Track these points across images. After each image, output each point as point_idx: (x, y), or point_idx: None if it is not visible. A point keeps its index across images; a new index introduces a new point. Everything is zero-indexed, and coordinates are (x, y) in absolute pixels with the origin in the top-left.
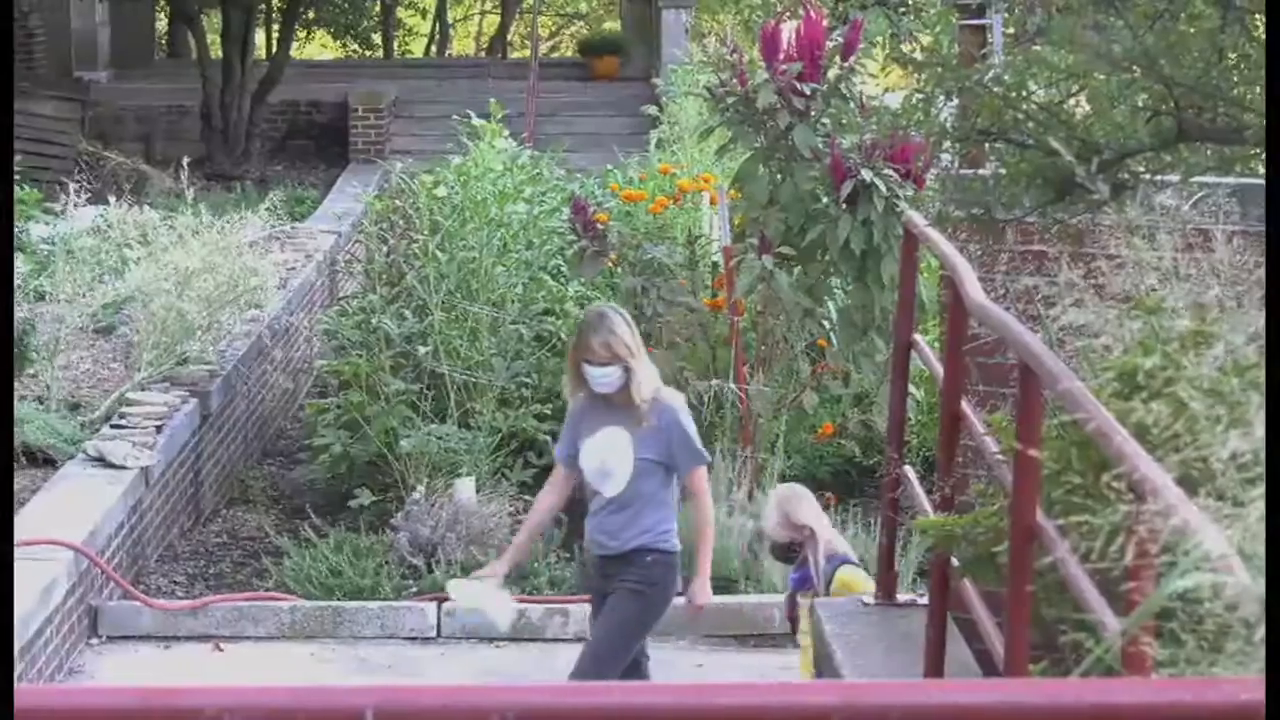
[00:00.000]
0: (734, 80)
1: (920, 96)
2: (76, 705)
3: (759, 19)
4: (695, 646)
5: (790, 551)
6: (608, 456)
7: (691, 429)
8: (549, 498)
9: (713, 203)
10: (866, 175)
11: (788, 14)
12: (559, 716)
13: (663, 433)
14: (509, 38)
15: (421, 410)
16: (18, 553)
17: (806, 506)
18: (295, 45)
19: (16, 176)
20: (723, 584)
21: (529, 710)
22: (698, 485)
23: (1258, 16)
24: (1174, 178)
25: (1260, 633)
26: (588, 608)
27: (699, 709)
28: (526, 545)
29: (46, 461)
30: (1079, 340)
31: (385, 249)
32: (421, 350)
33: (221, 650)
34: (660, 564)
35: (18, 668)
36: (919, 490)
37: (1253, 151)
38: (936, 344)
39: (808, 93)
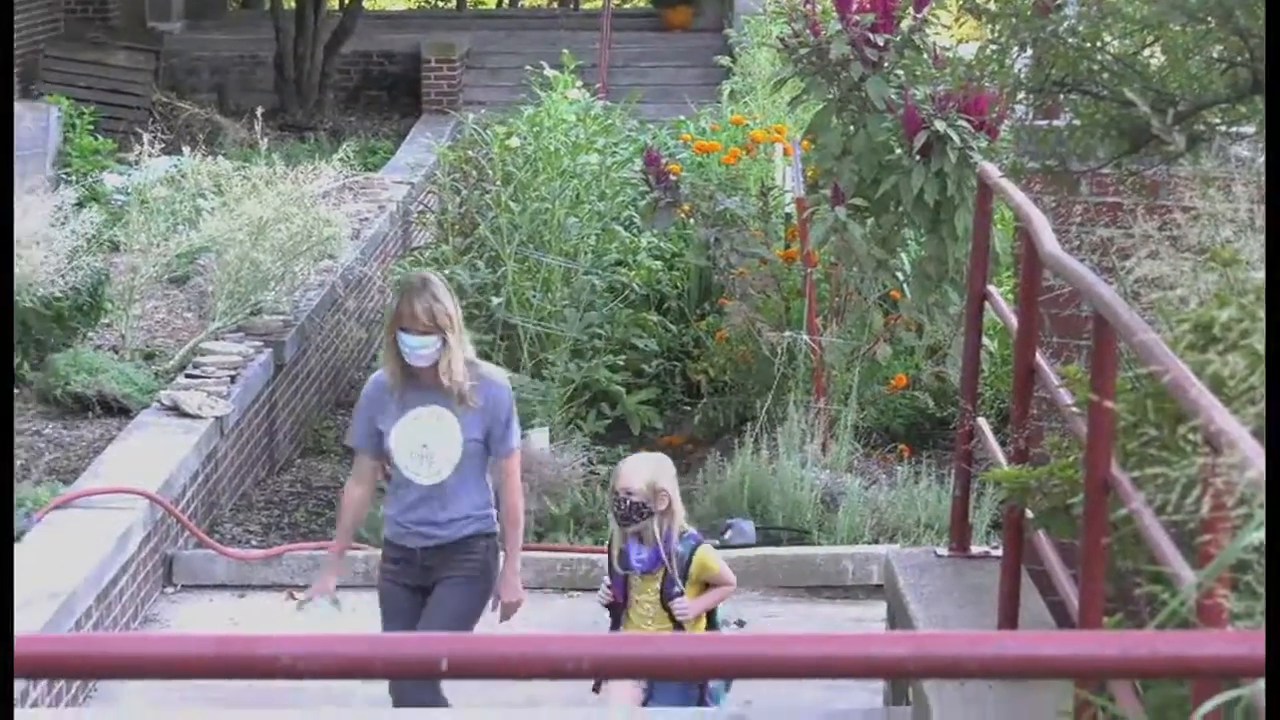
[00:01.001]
0: (807, 31)
1: (994, 47)
2: (153, 653)
3: None
4: (769, 598)
5: (635, 515)
6: (430, 439)
7: (513, 410)
8: (358, 490)
9: (786, 154)
10: (940, 126)
11: None
12: (632, 666)
13: (487, 412)
14: None
15: (494, 360)
16: (95, 501)
17: (671, 479)
18: None
19: (90, 126)
20: (796, 535)
21: (602, 659)
22: (510, 472)
23: None
24: (1249, 129)
25: None
26: None
27: (773, 659)
28: (345, 548)
29: (121, 411)
30: (1154, 292)
31: (458, 200)
32: (494, 301)
33: (295, 599)
34: (491, 548)
35: (94, 615)
36: (993, 442)
37: None
38: (1010, 296)
39: (881, 44)
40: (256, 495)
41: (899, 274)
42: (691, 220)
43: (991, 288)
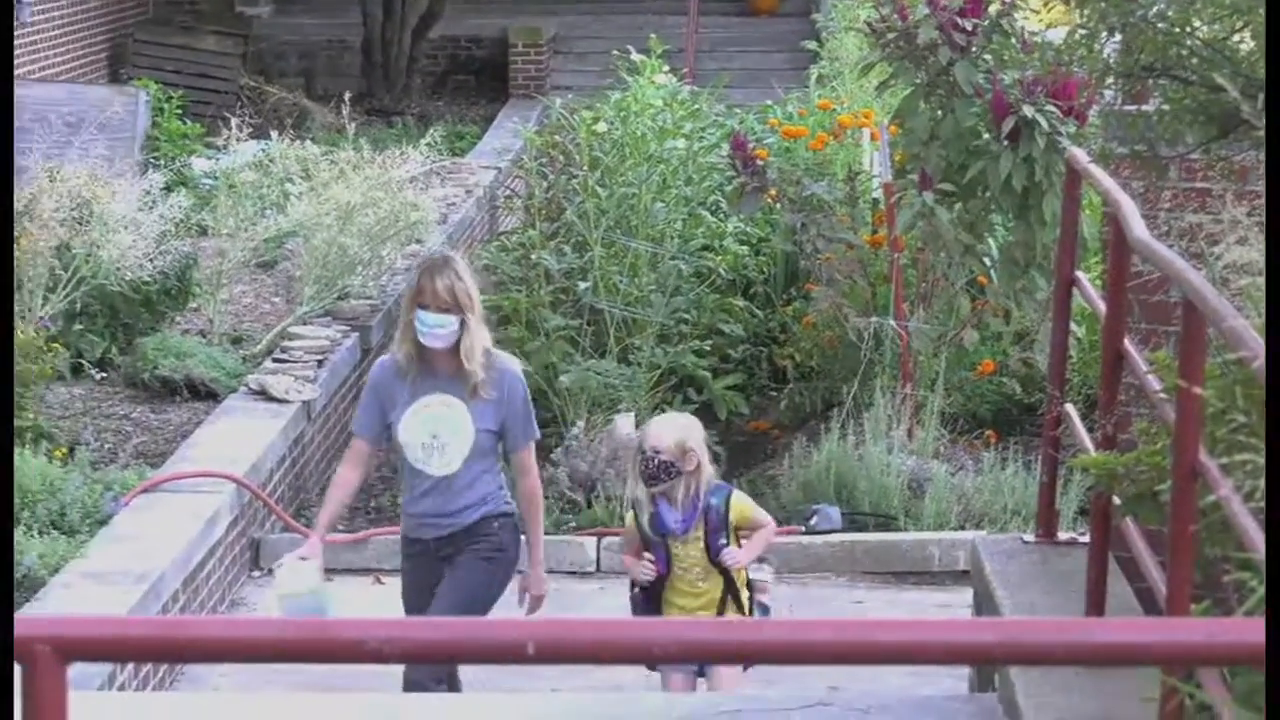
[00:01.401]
0: (895, 15)
1: (1083, 32)
2: (240, 636)
3: None
4: (855, 584)
5: (662, 474)
6: (440, 429)
7: (529, 400)
8: (349, 474)
9: (873, 139)
10: (1028, 111)
11: None
12: (717, 650)
13: (503, 403)
14: None
15: (581, 345)
16: (183, 485)
17: (700, 439)
18: None
19: (179, 110)
20: (882, 521)
21: (688, 645)
22: (529, 463)
23: None
24: None
25: None
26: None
27: (860, 645)
28: (325, 535)
29: (209, 395)
30: (1243, 278)
31: (545, 184)
32: (581, 286)
33: (382, 583)
34: (506, 527)
35: (181, 598)
36: (1080, 428)
37: None
38: (1098, 281)
39: (969, 28)
40: None
41: (986, 259)
42: (778, 205)
43: (1079, 273)
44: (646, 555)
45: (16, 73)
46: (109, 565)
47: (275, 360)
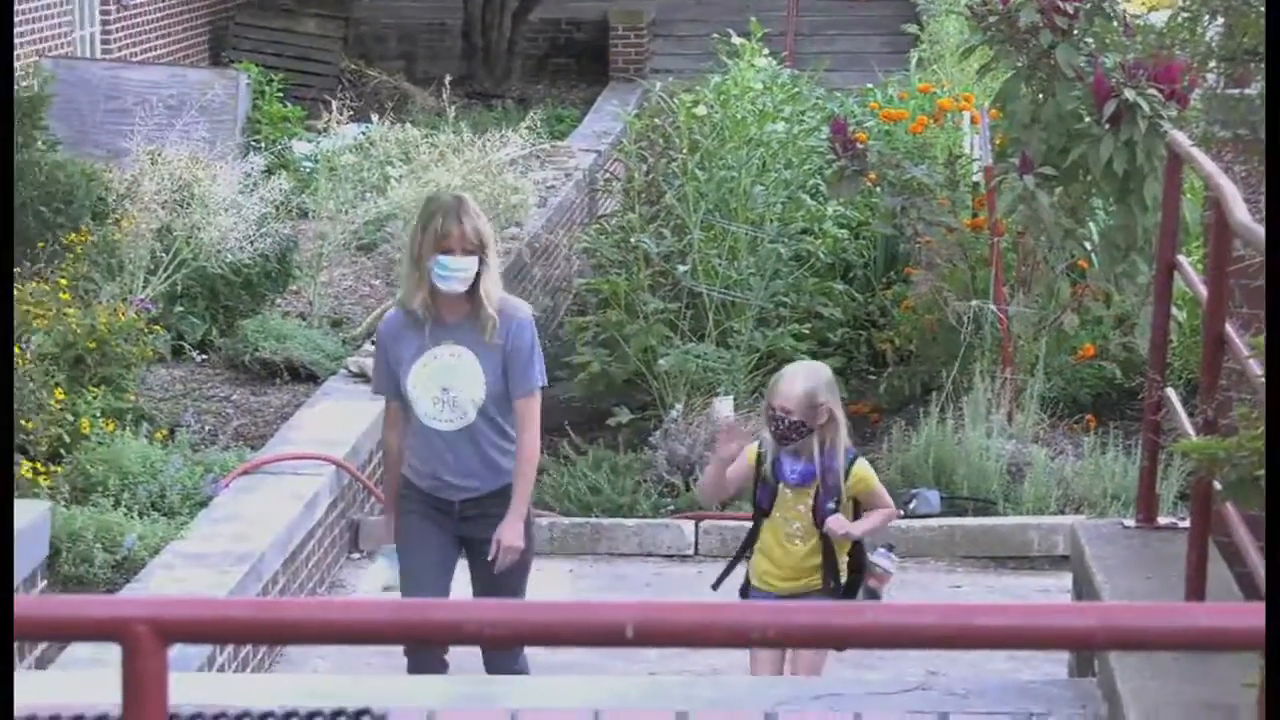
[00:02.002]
0: None
1: (1186, 15)
2: (340, 619)
3: None
4: (953, 568)
5: (794, 434)
6: (451, 382)
7: (537, 346)
8: (393, 437)
9: (974, 122)
10: (1130, 95)
11: None
12: (818, 634)
13: (511, 348)
14: None
15: (680, 329)
16: (283, 467)
17: (831, 389)
18: None
19: (279, 93)
20: (981, 506)
21: (788, 628)
22: (531, 413)
23: None
24: None
25: None
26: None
27: (961, 629)
28: (395, 496)
29: (309, 377)
30: None
31: (644, 168)
32: (680, 269)
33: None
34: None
35: (280, 580)
36: (1181, 413)
37: None
38: (1200, 266)
39: (1070, 11)
40: None
41: (1087, 243)
42: (878, 189)
43: (1181, 257)
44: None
45: (119, 55)
46: (209, 547)
47: (374, 343)
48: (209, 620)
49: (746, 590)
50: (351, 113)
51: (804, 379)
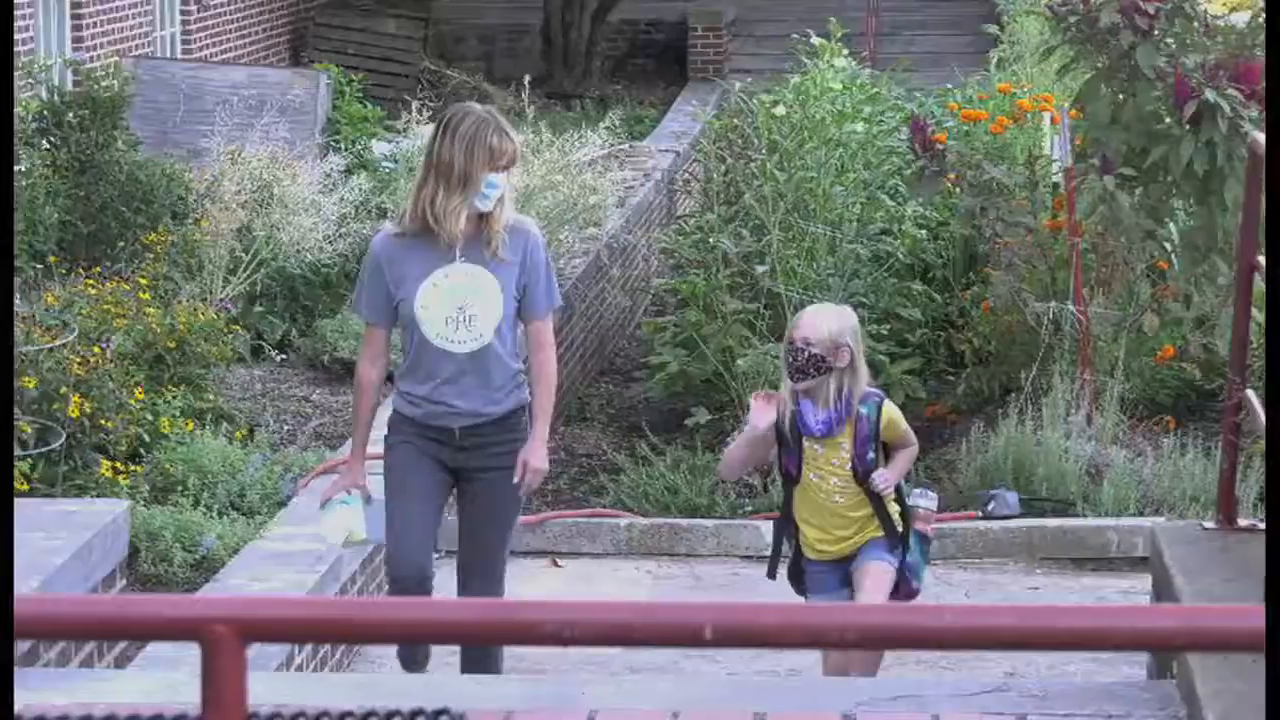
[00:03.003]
0: None
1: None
2: (418, 618)
3: None
4: (1032, 570)
5: (811, 368)
6: (469, 301)
7: (550, 261)
8: (373, 371)
9: (1053, 123)
10: (1210, 96)
11: None
12: (898, 636)
13: (525, 266)
14: None
15: (758, 329)
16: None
17: (855, 334)
18: None
19: (359, 93)
20: (1060, 507)
21: (871, 629)
22: (547, 335)
23: None
24: None
25: None
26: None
27: (1041, 631)
28: (367, 441)
29: (387, 377)
30: None
31: (723, 168)
32: (759, 269)
33: (559, 565)
34: (526, 419)
35: (359, 580)
36: (1261, 414)
37: None
38: None
39: (1151, 11)
40: None
41: (1167, 244)
42: (957, 189)
43: (1261, 259)
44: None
45: (200, 56)
46: (288, 546)
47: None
48: (288, 620)
49: (799, 565)
50: (431, 113)
51: (831, 316)
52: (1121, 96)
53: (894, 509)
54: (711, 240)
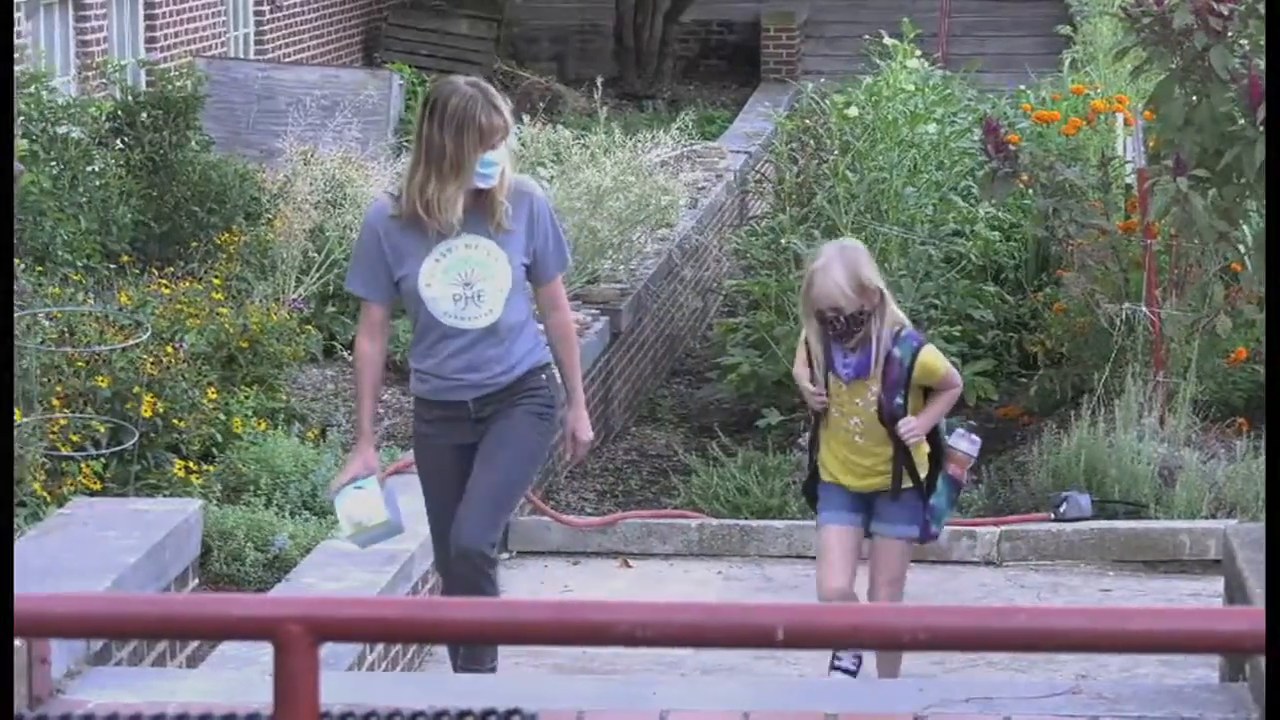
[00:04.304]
0: (1150, 0)
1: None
2: (490, 618)
3: None
4: (1104, 572)
5: (854, 326)
6: (474, 276)
7: (557, 221)
8: (371, 346)
9: (1127, 124)
10: None
11: None
12: (971, 637)
13: (532, 229)
14: None
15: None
16: None
17: (871, 268)
18: None
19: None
20: (1132, 509)
21: (942, 631)
22: (561, 295)
23: None
24: None
25: None
26: (994, 531)
27: (1112, 633)
28: (374, 420)
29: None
30: None
31: (795, 169)
32: None
33: (630, 566)
34: (552, 379)
35: (430, 579)
36: None
37: None
38: None
39: (1225, 13)
40: (592, 463)
41: (1240, 246)
42: (1030, 190)
43: None
44: (812, 388)
45: (273, 56)
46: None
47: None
48: (361, 619)
49: (813, 483)
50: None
51: (841, 267)
52: (1195, 98)
53: (922, 452)
54: (783, 241)
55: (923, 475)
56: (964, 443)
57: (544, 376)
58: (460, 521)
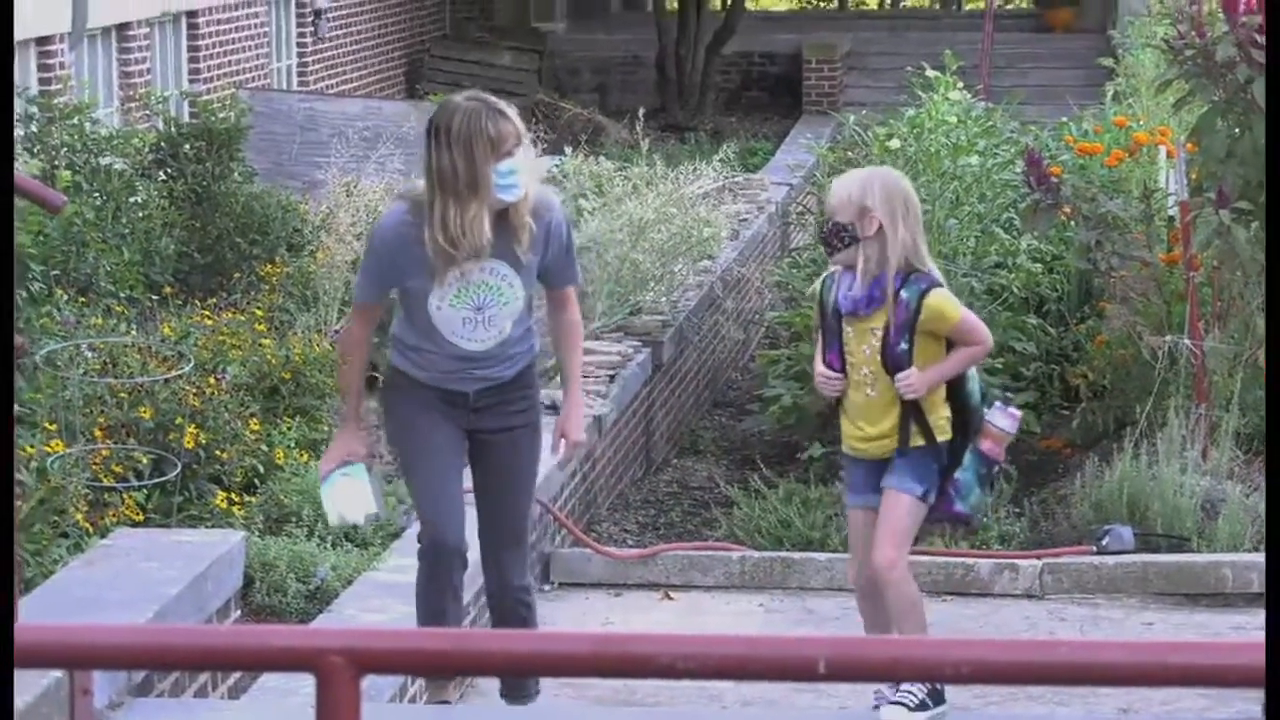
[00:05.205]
0: (1192, 32)
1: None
2: (531, 650)
3: None
4: (1146, 605)
5: (836, 239)
6: (488, 302)
7: (573, 239)
8: (363, 332)
9: (1169, 156)
10: None
11: None
12: (1014, 671)
13: (548, 254)
14: None
15: None
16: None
17: (884, 197)
18: None
19: None
20: (1175, 543)
21: (985, 664)
22: (571, 300)
23: None
24: None
25: None
26: (1036, 564)
27: (1155, 667)
28: (361, 404)
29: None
30: None
31: None
32: None
33: (671, 599)
34: (535, 373)
35: (471, 611)
36: None
37: None
38: None
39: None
40: (633, 494)
41: None
42: (1072, 223)
43: None
44: (826, 372)
45: (316, 88)
46: (402, 578)
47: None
48: (402, 651)
49: (837, 458)
50: (546, 145)
51: (855, 180)
52: (1238, 130)
53: (941, 414)
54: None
55: (940, 439)
56: (1002, 418)
57: (532, 373)
58: (501, 565)
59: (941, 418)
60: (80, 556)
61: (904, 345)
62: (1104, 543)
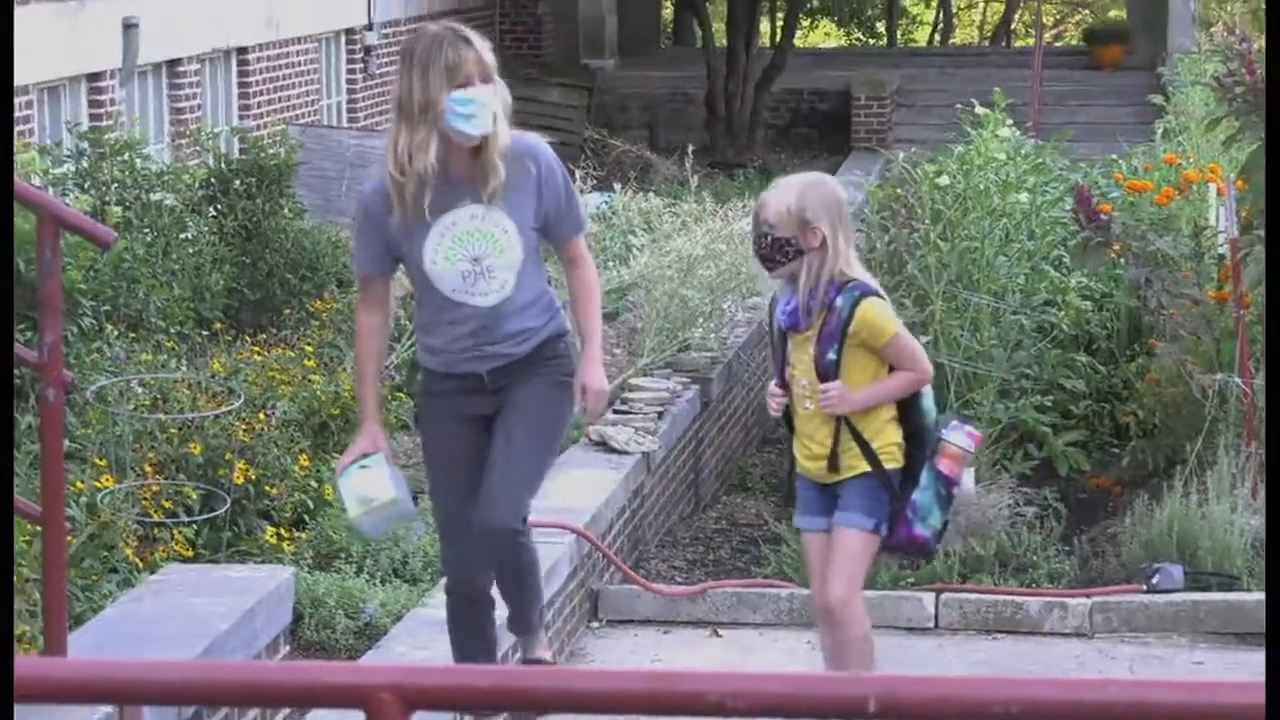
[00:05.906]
0: (1242, 69)
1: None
2: (580, 688)
3: None
4: (1196, 644)
5: (778, 254)
6: (480, 249)
7: (570, 180)
8: (374, 317)
9: (1219, 194)
10: None
11: None
12: (1065, 710)
13: (542, 188)
14: (1012, 26)
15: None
16: None
17: (825, 207)
18: (799, 33)
19: None
20: (1226, 582)
21: (1034, 704)
22: (582, 252)
23: None
24: None
25: None
26: (1086, 602)
27: (1206, 707)
28: (378, 395)
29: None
30: None
31: (886, 237)
32: (921, 339)
33: (720, 636)
34: (572, 347)
35: (520, 649)
36: None
37: None
38: None
39: None
40: (681, 532)
41: None
42: (1122, 260)
43: None
44: (771, 389)
45: (365, 124)
46: None
47: (616, 411)
48: (452, 688)
49: (791, 475)
50: (595, 181)
51: (793, 190)
52: None
53: (889, 439)
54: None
55: (890, 466)
56: (958, 435)
57: (563, 345)
58: (485, 500)
59: (890, 443)
60: (130, 592)
61: (832, 355)
62: (1154, 581)
